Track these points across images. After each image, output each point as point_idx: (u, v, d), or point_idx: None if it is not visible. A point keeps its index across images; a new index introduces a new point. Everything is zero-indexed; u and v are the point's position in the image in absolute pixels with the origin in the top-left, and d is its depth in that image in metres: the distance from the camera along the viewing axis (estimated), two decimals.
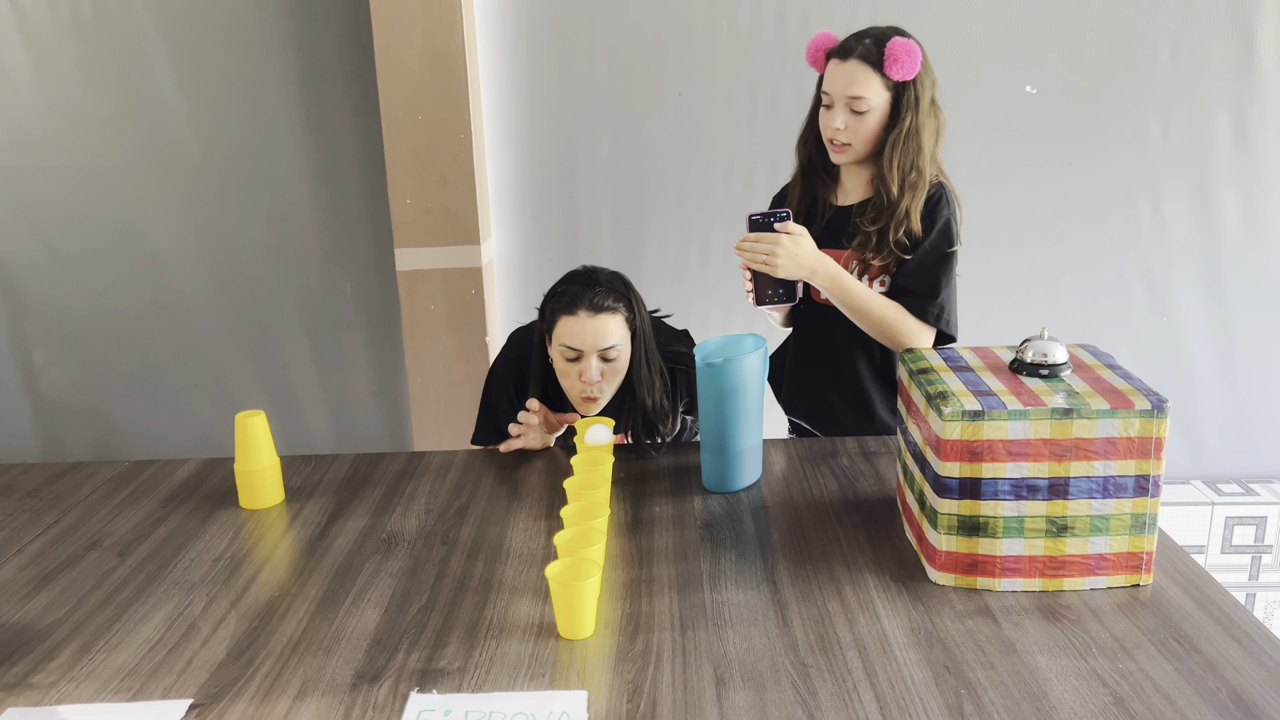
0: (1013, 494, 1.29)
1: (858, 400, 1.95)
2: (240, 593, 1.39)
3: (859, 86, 1.74)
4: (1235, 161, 2.82)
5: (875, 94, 1.74)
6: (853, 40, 1.77)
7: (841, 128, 1.77)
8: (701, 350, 1.63)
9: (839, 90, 1.76)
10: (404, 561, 1.46)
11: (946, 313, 1.81)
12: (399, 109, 2.67)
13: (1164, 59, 2.75)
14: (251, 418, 1.65)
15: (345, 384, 3.11)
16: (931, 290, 1.80)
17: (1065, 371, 1.38)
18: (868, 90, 1.74)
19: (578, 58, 2.82)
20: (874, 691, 1.12)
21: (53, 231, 2.97)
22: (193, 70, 2.84)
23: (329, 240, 2.98)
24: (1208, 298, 2.94)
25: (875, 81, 1.74)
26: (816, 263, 1.74)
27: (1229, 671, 1.14)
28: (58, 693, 1.17)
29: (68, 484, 1.79)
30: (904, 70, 1.72)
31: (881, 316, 1.78)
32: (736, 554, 1.45)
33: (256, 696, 1.15)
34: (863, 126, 1.76)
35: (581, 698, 1.12)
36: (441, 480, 1.75)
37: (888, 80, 1.74)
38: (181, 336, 3.06)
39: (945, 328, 1.82)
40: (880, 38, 1.74)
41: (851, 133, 1.77)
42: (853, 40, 1.77)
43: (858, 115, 1.76)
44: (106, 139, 2.89)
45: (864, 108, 1.75)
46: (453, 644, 1.24)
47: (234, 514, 1.65)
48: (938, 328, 1.81)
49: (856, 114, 1.76)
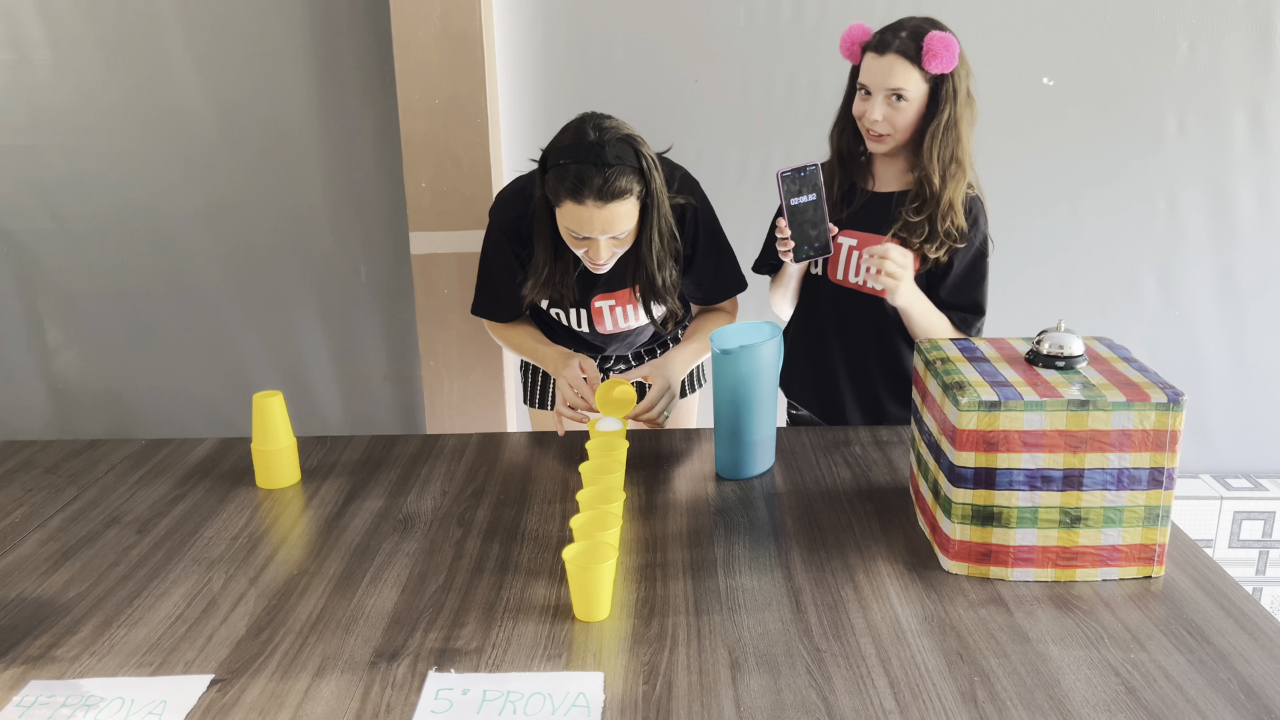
0: (1027, 484, 1.30)
1: (866, 388, 1.96)
2: (259, 571, 1.40)
3: (898, 79, 1.75)
4: (1252, 157, 2.81)
5: (914, 87, 1.76)
6: (889, 34, 1.77)
7: (880, 119, 1.79)
8: (717, 338, 1.63)
9: (877, 83, 1.77)
10: (420, 542, 1.47)
11: (982, 323, 1.89)
12: (415, 93, 2.67)
13: (1183, 52, 2.74)
14: (269, 398, 1.67)
15: (358, 367, 3.12)
16: (977, 307, 1.87)
17: (1081, 364, 1.38)
18: (908, 83, 1.75)
19: (595, 44, 2.82)
20: (888, 678, 1.13)
21: (68, 211, 2.98)
22: (209, 52, 2.84)
23: (344, 223, 2.98)
24: (1221, 292, 2.93)
25: (914, 75, 1.75)
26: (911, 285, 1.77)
27: (1240, 663, 1.15)
28: (80, 666, 1.19)
29: (85, 461, 1.80)
30: (942, 64, 1.73)
31: (932, 328, 1.83)
32: (750, 540, 1.46)
33: (277, 673, 1.16)
34: (901, 117, 1.78)
35: (598, 679, 1.13)
36: (457, 463, 1.76)
37: (926, 73, 1.75)
38: (196, 317, 3.07)
39: (977, 334, 1.88)
40: (917, 31, 1.74)
41: (890, 123, 1.79)
42: (889, 34, 1.77)
43: (896, 105, 1.77)
44: (123, 120, 2.89)
45: (904, 98, 1.76)
46: (470, 624, 1.25)
47: (251, 493, 1.66)
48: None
49: (894, 105, 1.77)
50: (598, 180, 1.58)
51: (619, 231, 1.66)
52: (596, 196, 1.59)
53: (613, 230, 1.65)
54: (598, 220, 1.62)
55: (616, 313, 1.92)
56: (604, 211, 1.61)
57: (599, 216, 1.62)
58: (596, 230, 1.64)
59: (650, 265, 1.76)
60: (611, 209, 1.61)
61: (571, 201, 1.61)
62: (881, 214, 1.87)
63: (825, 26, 2.74)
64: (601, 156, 1.59)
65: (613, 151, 1.60)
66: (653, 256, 1.75)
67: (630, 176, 1.61)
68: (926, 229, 1.81)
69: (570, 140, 1.64)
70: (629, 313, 1.92)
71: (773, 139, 2.86)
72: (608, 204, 1.60)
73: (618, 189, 1.59)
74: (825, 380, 2.00)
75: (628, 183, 1.61)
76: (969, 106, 1.79)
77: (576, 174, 1.59)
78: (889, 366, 1.94)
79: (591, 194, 1.59)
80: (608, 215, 1.62)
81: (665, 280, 1.80)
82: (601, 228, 1.64)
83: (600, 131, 1.63)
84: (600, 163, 1.58)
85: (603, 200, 1.60)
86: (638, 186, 1.63)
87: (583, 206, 1.61)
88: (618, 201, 1.61)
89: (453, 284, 2.80)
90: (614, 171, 1.59)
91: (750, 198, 2.89)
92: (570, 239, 1.70)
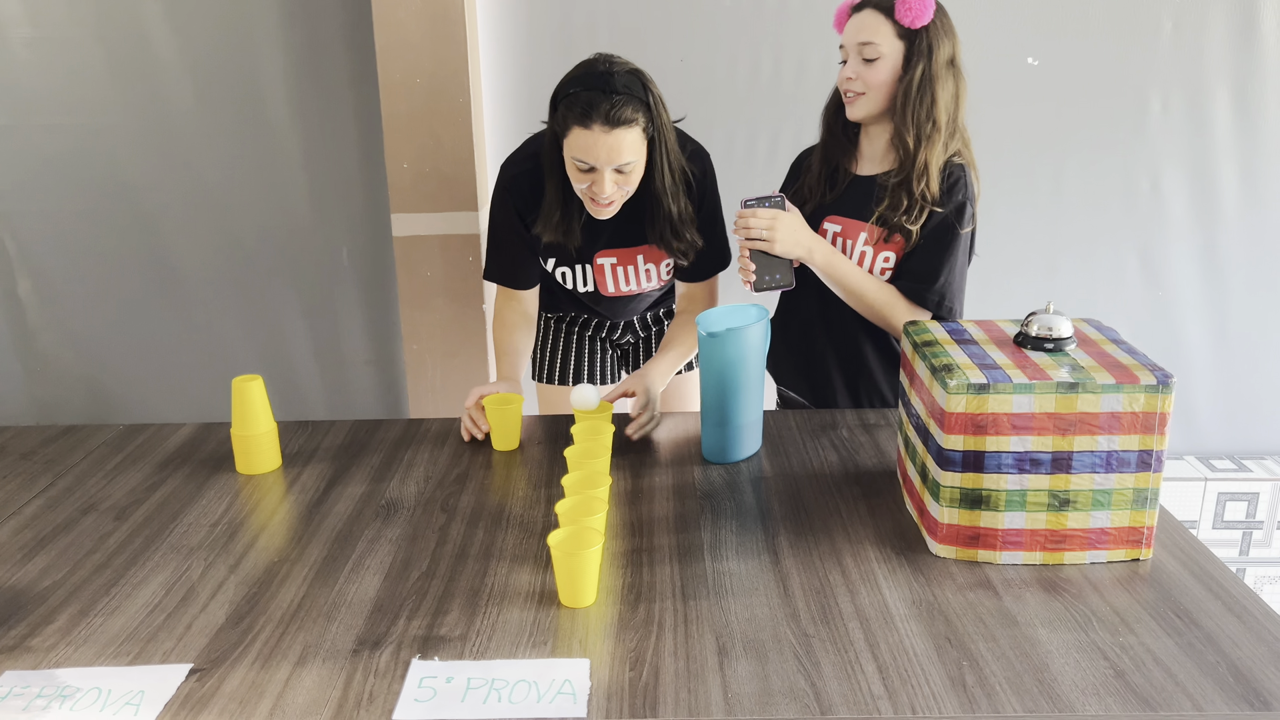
0: (1016, 467, 1.29)
1: (855, 371, 1.94)
2: (239, 558, 1.38)
3: (868, 32, 1.75)
4: (1235, 138, 2.81)
5: (885, 40, 1.74)
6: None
7: (853, 76, 1.78)
8: (704, 321, 1.62)
9: (851, 39, 1.78)
10: (404, 528, 1.45)
11: (948, 299, 1.80)
12: (397, 72, 2.63)
13: (1166, 33, 2.73)
14: (249, 382, 1.64)
15: (340, 350, 3.09)
16: (930, 275, 1.79)
17: (1070, 346, 1.37)
18: (877, 36, 1.74)
19: (579, 23, 2.78)
20: (876, 662, 1.12)
21: (46, 191, 2.93)
22: (189, 30, 2.79)
23: (325, 205, 2.95)
24: (1204, 274, 2.93)
25: (885, 28, 1.74)
26: (812, 242, 1.78)
27: (1229, 646, 1.15)
28: (56, 656, 1.16)
29: (61, 447, 1.78)
30: (913, 15, 1.72)
31: (874, 299, 1.80)
32: (737, 524, 1.45)
33: (257, 662, 1.14)
34: (874, 75, 1.76)
35: (584, 665, 1.12)
36: (440, 447, 1.74)
37: (899, 27, 1.73)
38: (175, 299, 3.03)
39: (946, 315, 1.80)
40: None
41: (863, 81, 1.77)
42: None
43: (868, 64, 1.76)
44: (101, 99, 2.84)
45: (874, 54, 1.75)
46: (454, 611, 1.24)
47: (231, 479, 1.64)
48: (936, 314, 1.80)
49: (867, 62, 1.76)
50: (605, 105, 1.61)
51: (623, 161, 1.66)
52: (604, 121, 1.62)
53: (617, 159, 1.65)
54: (603, 146, 1.64)
55: (619, 273, 1.91)
56: (610, 137, 1.63)
57: (604, 142, 1.63)
58: (602, 158, 1.65)
59: (666, 201, 1.77)
60: (617, 135, 1.63)
61: (579, 126, 1.64)
62: (864, 196, 1.85)
63: (811, 6, 2.72)
64: (610, 84, 1.63)
65: (621, 81, 1.64)
66: (666, 191, 1.76)
67: (636, 106, 1.65)
68: (905, 199, 1.77)
69: (580, 72, 1.69)
70: (630, 275, 1.92)
71: (759, 119, 2.83)
72: (614, 129, 1.63)
73: (624, 116, 1.62)
74: (813, 364, 1.99)
75: (633, 112, 1.64)
76: (951, 74, 1.77)
77: (585, 100, 1.63)
78: (877, 349, 1.92)
79: (599, 118, 1.62)
80: (613, 142, 1.63)
81: (680, 211, 1.80)
82: (607, 156, 1.65)
83: (610, 64, 1.68)
84: (608, 89, 1.63)
85: (609, 125, 1.62)
86: (643, 119, 1.66)
87: (589, 131, 1.63)
88: (623, 128, 1.63)
89: (435, 266, 2.77)
90: (621, 99, 1.63)
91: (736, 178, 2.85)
92: (576, 173, 1.71)
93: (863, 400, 1.95)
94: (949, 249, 1.79)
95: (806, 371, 2.00)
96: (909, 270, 1.80)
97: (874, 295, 1.79)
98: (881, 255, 1.82)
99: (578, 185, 1.73)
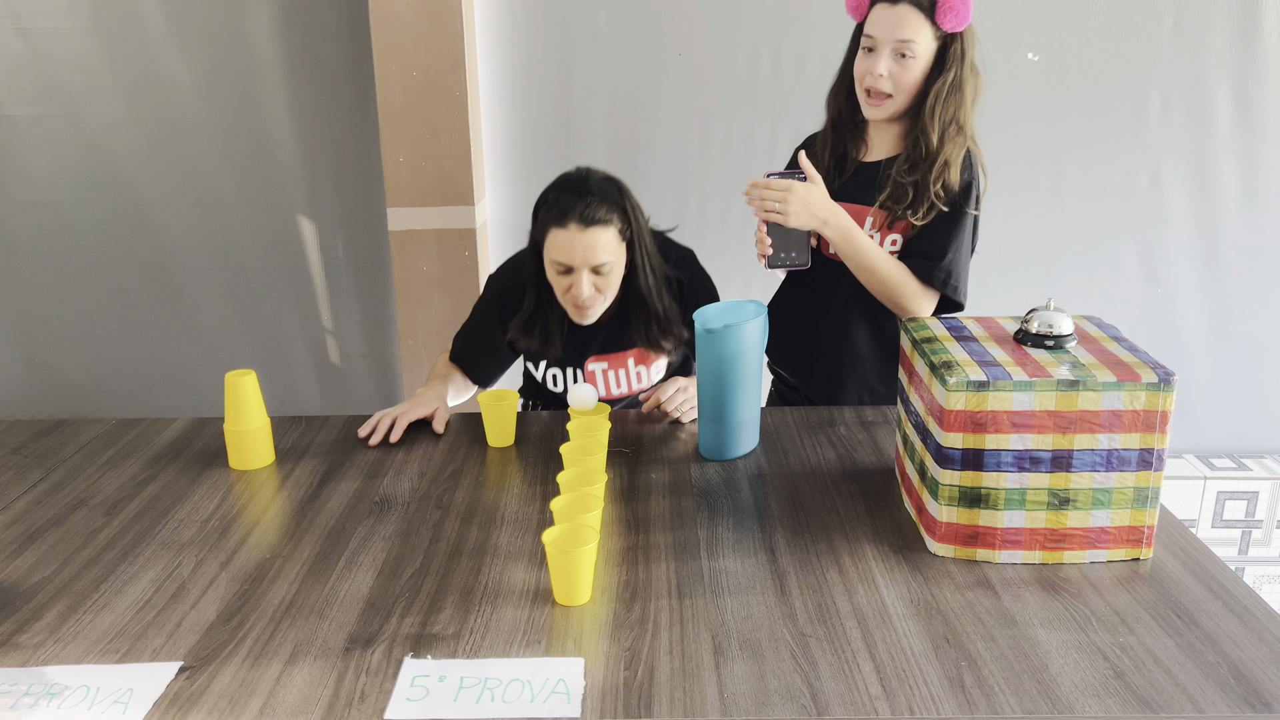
0: (1015, 466, 1.28)
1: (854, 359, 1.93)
2: (230, 554, 1.36)
3: (909, 30, 1.70)
4: (1235, 135, 2.80)
5: (924, 41, 1.71)
6: None
7: (884, 74, 1.73)
8: (701, 316, 1.60)
9: (886, 34, 1.71)
10: (397, 525, 1.44)
11: (954, 278, 1.79)
12: (393, 64, 2.62)
13: (1167, 29, 2.72)
14: (241, 377, 1.63)
15: (335, 345, 3.08)
16: (939, 252, 1.77)
17: (1070, 343, 1.36)
18: (918, 35, 1.70)
19: (577, 16, 2.76)
20: (874, 662, 1.11)
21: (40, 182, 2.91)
22: (185, 22, 2.78)
23: (321, 198, 2.93)
24: (1204, 271, 2.92)
25: (926, 29, 1.70)
26: (828, 213, 1.73)
27: (1229, 646, 1.14)
28: (44, 653, 1.15)
29: (52, 441, 1.76)
30: (957, 20, 1.69)
31: (887, 275, 1.77)
32: (734, 522, 1.43)
33: (248, 660, 1.13)
34: (907, 75, 1.72)
35: (578, 665, 1.11)
36: (435, 444, 1.73)
37: (937, 30, 1.70)
38: (169, 292, 3.01)
39: (952, 294, 1.80)
40: None
41: (894, 80, 1.73)
42: None
43: (902, 63, 1.72)
44: (99, 93, 2.82)
45: (912, 53, 1.70)
46: (447, 609, 1.22)
47: (223, 474, 1.62)
48: (943, 293, 1.79)
49: (901, 61, 1.72)
50: (580, 205, 1.67)
51: (600, 261, 1.69)
52: (579, 220, 1.66)
53: (594, 258, 1.68)
54: (579, 245, 1.67)
55: (609, 377, 1.92)
56: (585, 235, 1.66)
57: (580, 241, 1.66)
58: (578, 258, 1.68)
59: (651, 301, 1.80)
60: (592, 234, 1.67)
61: (556, 228, 1.68)
62: (869, 183, 1.83)
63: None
64: (585, 187, 1.70)
65: (596, 184, 1.71)
66: (650, 291, 1.79)
67: (611, 208, 1.69)
68: (912, 193, 1.75)
69: (558, 180, 1.75)
70: (622, 378, 1.93)
71: (757, 111, 2.82)
72: (588, 228, 1.67)
73: (599, 215, 1.67)
74: (813, 351, 1.97)
75: (608, 213, 1.69)
76: (974, 75, 1.75)
77: (562, 203, 1.68)
78: (879, 339, 1.91)
79: (574, 218, 1.66)
80: (589, 240, 1.67)
81: (666, 309, 1.82)
82: (583, 255, 1.67)
83: (587, 171, 1.76)
84: (583, 192, 1.69)
85: (584, 224, 1.66)
86: (619, 221, 1.71)
87: (565, 230, 1.67)
88: (598, 227, 1.67)
89: (431, 261, 2.76)
90: (595, 199, 1.68)
91: (735, 170, 2.86)
92: (556, 277, 1.73)
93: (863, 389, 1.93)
94: (956, 228, 1.77)
95: (806, 359, 1.98)
96: (916, 250, 1.79)
97: (887, 271, 1.77)
98: (889, 239, 1.81)
99: (559, 289, 1.75)
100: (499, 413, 1.70)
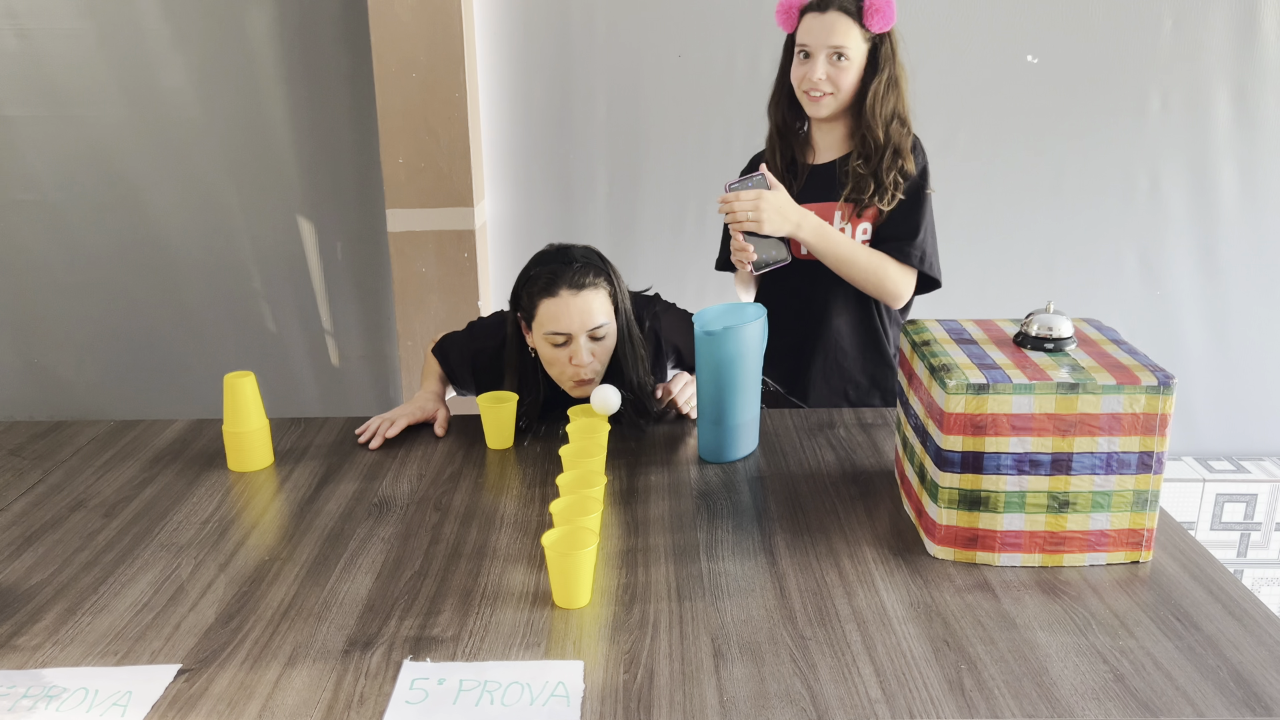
0: (1015, 469, 1.28)
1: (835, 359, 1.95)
2: (229, 556, 1.36)
3: (840, 36, 1.79)
4: (1235, 136, 2.80)
5: (855, 44, 1.80)
6: None
7: (823, 78, 1.81)
8: (700, 319, 1.60)
9: (819, 40, 1.80)
10: (396, 527, 1.44)
11: (928, 254, 1.87)
12: (392, 66, 2.62)
13: (1166, 30, 2.72)
14: (240, 379, 1.62)
15: (334, 346, 3.08)
16: (910, 232, 1.85)
17: (1070, 346, 1.36)
18: (849, 40, 1.79)
19: (576, 17, 2.76)
20: (873, 665, 1.11)
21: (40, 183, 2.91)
22: (185, 23, 2.78)
23: (320, 199, 2.93)
24: (1203, 273, 2.92)
25: (855, 32, 1.79)
26: (799, 215, 1.81)
27: (1229, 650, 1.14)
28: (43, 655, 1.15)
29: (51, 443, 1.76)
30: (884, 20, 1.78)
31: (865, 264, 1.84)
32: (733, 524, 1.43)
33: (246, 662, 1.13)
34: (844, 77, 1.81)
35: (578, 667, 1.11)
36: (434, 446, 1.73)
37: (866, 31, 1.79)
38: (168, 294, 3.01)
39: (928, 270, 1.87)
40: None
41: (833, 82, 1.82)
42: None
43: (838, 65, 1.80)
44: (98, 93, 2.82)
45: (846, 56, 1.80)
46: (446, 611, 1.22)
47: (222, 476, 1.62)
48: (920, 269, 1.87)
49: (836, 64, 1.80)
50: (568, 272, 1.65)
51: (596, 324, 1.66)
52: (570, 286, 1.64)
53: (590, 321, 1.65)
54: (574, 309, 1.64)
55: None
56: (579, 299, 1.64)
57: (574, 305, 1.64)
58: (575, 322, 1.64)
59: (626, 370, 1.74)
60: (585, 297, 1.64)
61: (546, 298, 1.65)
62: (827, 182, 1.90)
63: None
64: (568, 255, 1.69)
65: (578, 252, 1.70)
66: (626, 358, 1.74)
67: (597, 272, 1.68)
68: (874, 183, 1.83)
69: (536, 258, 1.72)
70: None
71: (756, 114, 2.81)
72: (581, 292, 1.64)
73: (588, 280, 1.65)
74: (793, 354, 1.98)
75: (596, 276, 1.67)
76: (903, 67, 1.84)
77: (548, 274, 1.66)
78: (859, 338, 1.95)
79: (564, 284, 1.64)
80: (583, 304, 1.64)
81: (641, 381, 1.77)
82: (580, 319, 1.64)
83: (564, 244, 1.74)
84: (568, 259, 1.67)
85: (576, 289, 1.64)
86: (606, 284, 1.69)
87: (557, 299, 1.64)
88: (590, 290, 1.65)
89: (430, 262, 2.76)
90: (581, 265, 1.66)
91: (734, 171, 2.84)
92: (551, 351, 1.69)
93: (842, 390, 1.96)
94: (922, 208, 1.86)
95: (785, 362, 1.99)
96: (889, 234, 1.87)
97: (865, 260, 1.84)
98: (860, 228, 1.87)
99: (556, 366, 1.70)
100: (498, 414, 1.70)
